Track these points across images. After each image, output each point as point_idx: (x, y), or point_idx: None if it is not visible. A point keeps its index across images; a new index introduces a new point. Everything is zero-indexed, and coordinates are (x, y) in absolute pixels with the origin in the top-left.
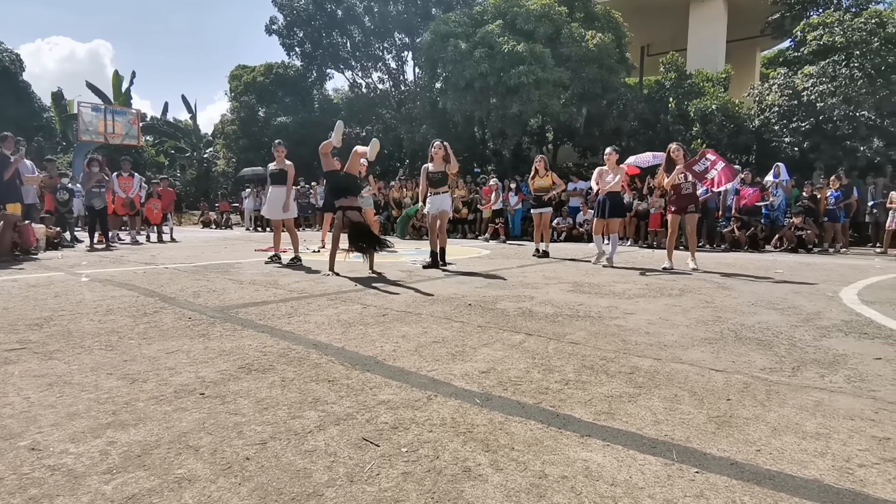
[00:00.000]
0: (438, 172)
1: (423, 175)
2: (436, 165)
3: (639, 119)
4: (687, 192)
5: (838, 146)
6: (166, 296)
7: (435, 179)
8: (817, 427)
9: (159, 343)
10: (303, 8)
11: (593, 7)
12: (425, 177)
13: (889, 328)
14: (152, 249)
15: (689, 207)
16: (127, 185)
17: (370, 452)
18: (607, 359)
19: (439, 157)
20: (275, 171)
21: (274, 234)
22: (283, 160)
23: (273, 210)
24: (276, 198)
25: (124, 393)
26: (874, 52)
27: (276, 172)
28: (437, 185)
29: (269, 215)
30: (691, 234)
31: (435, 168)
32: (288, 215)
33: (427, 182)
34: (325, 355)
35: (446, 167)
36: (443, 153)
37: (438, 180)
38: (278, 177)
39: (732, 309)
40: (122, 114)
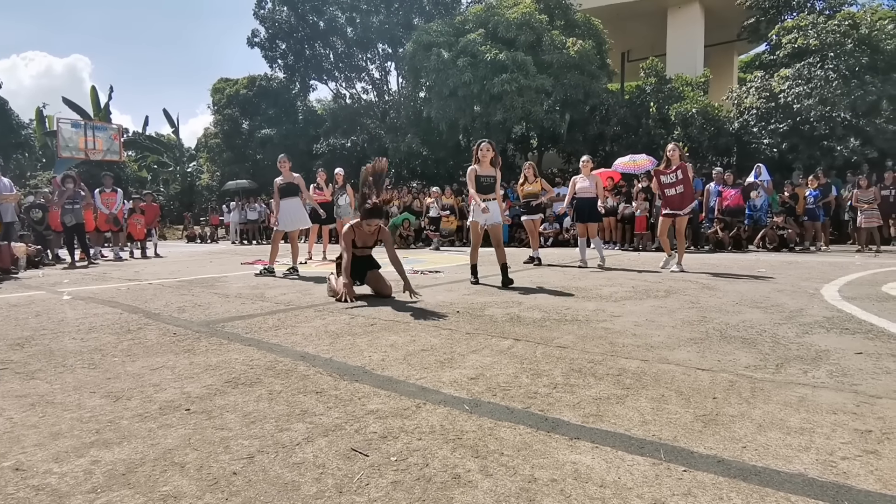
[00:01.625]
0: (489, 176)
1: (470, 179)
2: (484, 168)
3: (621, 124)
4: (676, 194)
5: (816, 146)
6: (150, 312)
7: (485, 184)
8: (801, 422)
9: (143, 360)
10: (284, 20)
11: (573, 15)
12: (473, 181)
13: (869, 323)
14: (136, 265)
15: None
16: (110, 200)
17: (359, 463)
18: (595, 361)
19: (488, 159)
20: (283, 185)
21: (291, 245)
22: (289, 173)
23: (288, 222)
24: (289, 210)
25: (108, 411)
26: (848, 54)
27: (285, 186)
28: (487, 192)
29: (290, 227)
30: (679, 235)
31: (483, 171)
32: (301, 225)
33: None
34: (312, 367)
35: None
36: (492, 154)
37: (489, 185)
38: (287, 190)
39: (717, 309)
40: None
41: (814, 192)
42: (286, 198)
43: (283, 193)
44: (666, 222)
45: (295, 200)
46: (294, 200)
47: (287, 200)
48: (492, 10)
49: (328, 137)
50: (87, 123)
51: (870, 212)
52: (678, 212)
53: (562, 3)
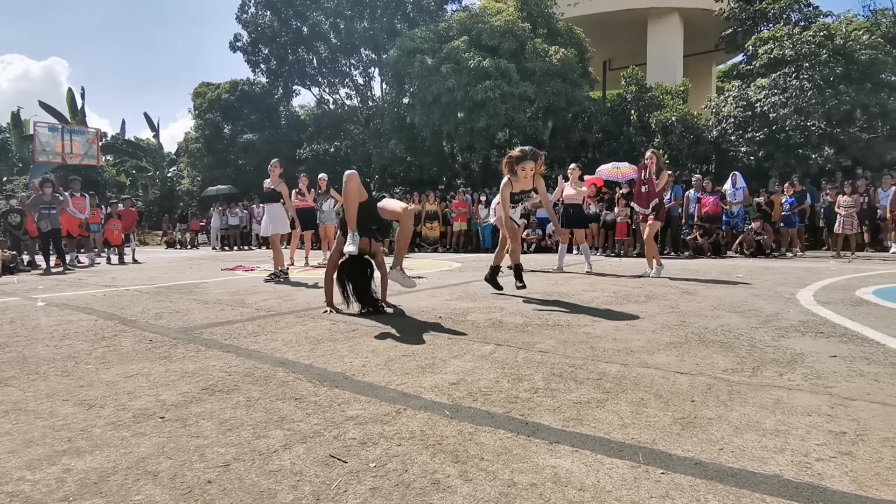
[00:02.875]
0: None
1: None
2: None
3: (603, 131)
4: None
5: (791, 154)
6: (126, 318)
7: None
8: (777, 424)
9: (118, 367)
10: (267, 25)
11: (556, 23)
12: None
13: (843, 327)
14: (113, 271)
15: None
16: (80, 205)
17: (337, 469)
18: (576, 366)
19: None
20: (268, 191)
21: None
22: (276, 179)
23: (273, 226)
24: (272, 215)
25: (80, 419)
26: (822, 64)
27: (269, 192)
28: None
29: (271, 232)
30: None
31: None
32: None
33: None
34: (292, 373)
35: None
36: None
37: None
38: (270, 195)
39: (696, 313)
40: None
41: (789, 199)
42: (268, 203)
43: (265, 199)
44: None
45: (276, 205)
46: (276, 205)
47: (269, 206)
48: (475, 18)
49: (311, 143)
50: (65, 127)
51: (848, 218)
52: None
53: (544, 11)
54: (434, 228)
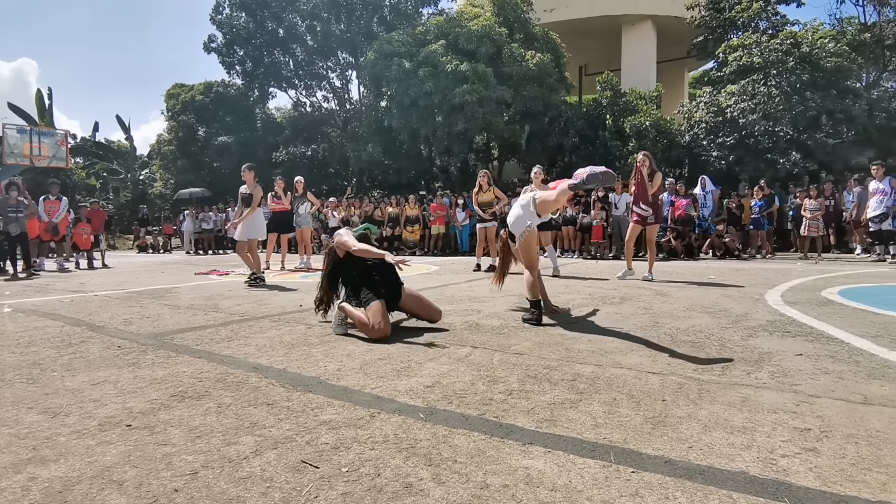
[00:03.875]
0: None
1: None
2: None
3: (579, 135)
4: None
5: (760, 159)
6: (94, 324)
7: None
8: (744, 421)
9: (84, 374)
10: (242, 26)
11: (532, 28)
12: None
13: (810, 326)
14: (81, 276)
15: (650, 218)
16: (52, 208)
17: (309, 475)
18: (551, 367)
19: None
20: (244, 195)
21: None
22: (252, 183)
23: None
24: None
25: (45, 427)
26: (789, 71)
27: (246, 196)
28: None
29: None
30: (650, 243)
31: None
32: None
33: None
34: (265, 378)
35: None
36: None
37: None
38: (247, 200)
39: (669, 314)
40: (49, 135)
41: (758, 202)
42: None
43: (244, 203)
44: (635, 229)
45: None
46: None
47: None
48: (453, 22)
49: (288, 146)
50: (33, 129)
51: (813, 221)
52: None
53: (521, 17)
54: (415, 231)
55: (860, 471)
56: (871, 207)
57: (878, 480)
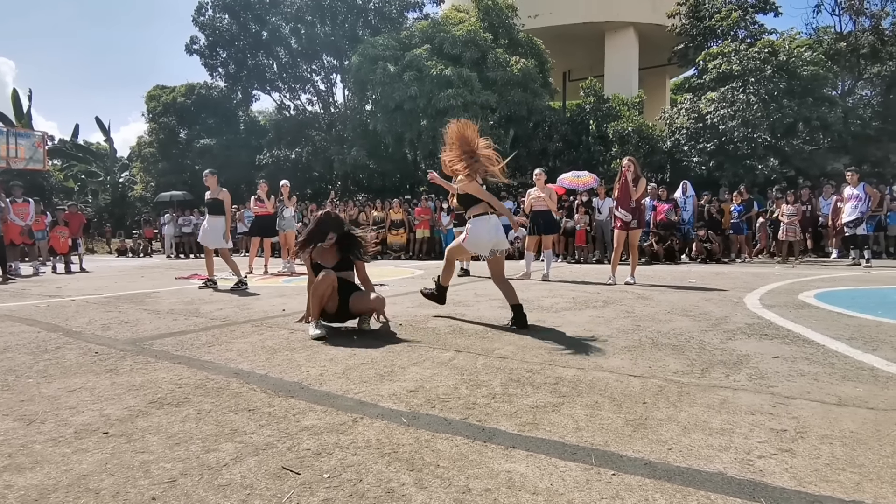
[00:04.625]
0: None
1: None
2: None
3: (563, 140)
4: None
5: (739, 164)
6: (71, 330)
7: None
8: (722, 423)
9: (60, 381)
10: (225, 28)
11: (517, 34)
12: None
13: (786, 329)
14: (58, 281)
15: (633, 223)
16: (23, 211)
17: (290, 482)
18: (533, 371)
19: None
20: (209, 201)
21: (206, 259)
22: (216, 188)
23: (209, 238)
24: (211, 226)
25: (20, 435)
26: (767, 79)
27: (211, 202)
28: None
29: (206, 243)
30: (632, 248)
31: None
32: (224, 245)
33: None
34: (246, 384)
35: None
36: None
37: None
38: (213, 206)
39: (650, 318)
40: (25, 136)
41: (738, 207)
42: (212, 215)
43: (210, 210)
44: (621, 236)
45: (217, 219)
46: (216, 219)
47: (211, 217)
48: (437, 27)
49: (272, 149)
50: (10, 130)
51: (791, 226)
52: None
53: (506, 22)
54: (400, 235)
55: (834, 471)
56: (846, 213)
57: (852, 480)
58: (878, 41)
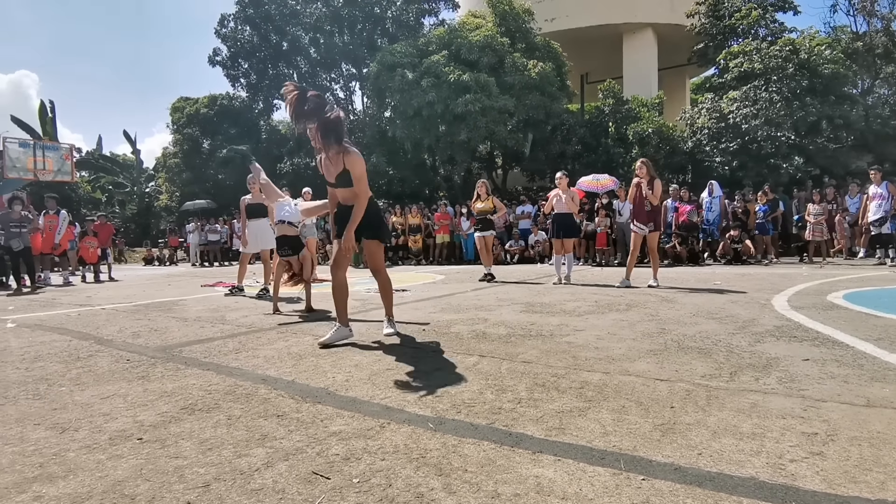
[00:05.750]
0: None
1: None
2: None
3: (581, 143)
4: (647, 210)
5: (763, 164)
6: (102, 338)
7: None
8: (753, 427)
9: (94, 388)
10: (247, 40)
11: (534, 38)
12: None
13: (816, 331)
14: (88, 290)
15: (649, 225)
16: (52, 223)
17: (320, 486)
18: (558, 375)
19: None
20: (252, 205)
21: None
22: (259, 193)
23: (259, 241)
24: (257, 230)
25: (53, 443)
26: (789, 77)
27: (254, 206)
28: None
29: (259, 247)
30: (651, 251)
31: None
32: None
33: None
34: (274, 390)
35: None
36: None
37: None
38: (255, 210)
39: (675, 321)
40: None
41: (763, 207)
42: (254, 218)
43: (251, 214)
44: (638, 239)
45: (263, 221)
46: (262, 221)
47: (255, 221)
48: (455, 33)
49: (292, 157)
50: (37, 143)
51: (817, 225)
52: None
53: (522, 27)
54: (418, 241)
55: (862, 471)
56: (871, 212)
57: (878, 479)
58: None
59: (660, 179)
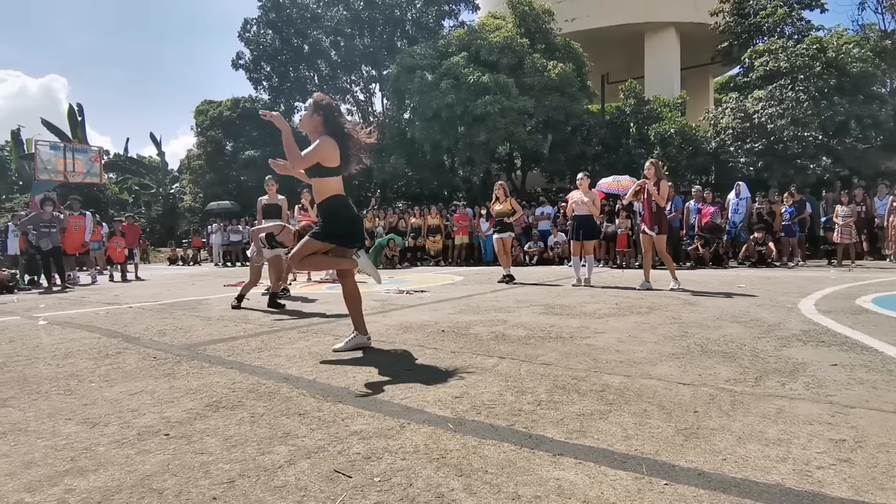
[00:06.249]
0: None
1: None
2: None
3: (602, 144)
4: (653, 212)
5: (789, 165)
6: (130, 336)
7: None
8: (779, 433)
9: (122, 385)
10: (269, 43)
11: (553, 38)
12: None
13: (844, 335)
14: (115, 289)
15: (654, 228)
16: (78, 223)
17: (342, 484)
18: (579, 378)
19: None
20: (268, 205)
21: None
22: (275, 195)
23: None
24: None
25: (84, 438)
26: (817, 76)
27: (269, 206)
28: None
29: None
30: (660, 254)
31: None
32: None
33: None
34: (296, 388)
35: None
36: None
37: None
38: (272, 210)
39: (698, 324)
40: (82, 151)
41: (789, 208)
42: (268, 219)
43: (266, 214)
44: (647, 241)
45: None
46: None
47: (268, 222)
48: (474, 34)
49: None
50: (67, 146)
51: (846, 228)
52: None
53: (542, 27)
54: (437, 242)
55: (890, 478)
56: None
57: None
58: None
59: (667, 181)
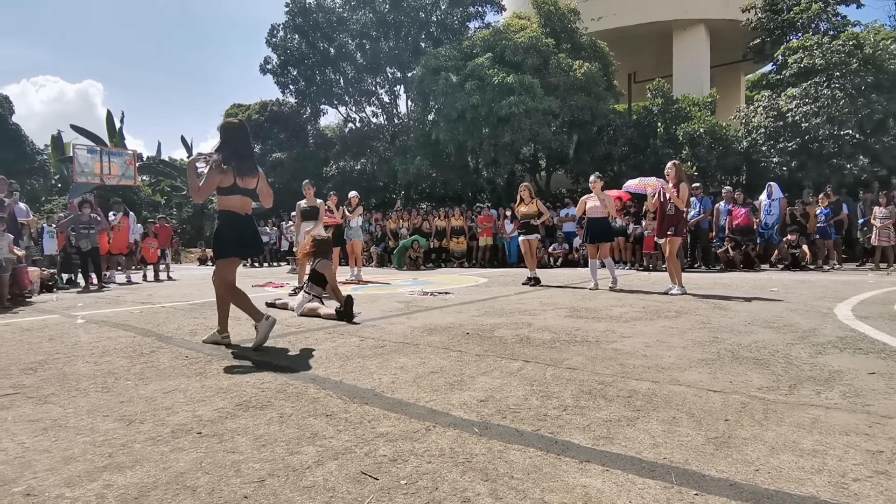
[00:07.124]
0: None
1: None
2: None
3: (629, 144)
4: (669, 214)
5: (825, 164)
6: (163, 335)
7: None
8: (814, 444)
9: (156, 383)
10: (296, 48)
11: (579, 38)
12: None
13: (882, 342)
14: (149, 289)
15: (669, 230)
16: (123, 224)
17: (369, 486)
18: (605, 383)
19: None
20: (307, 209)
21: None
22: (313, 198)
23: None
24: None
25: (121, 435)
26: (853, 73)
27: (308, 209)
28: None
29: None
30: (670, 256)
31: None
32: None
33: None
34: (323, 389)
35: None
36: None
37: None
38: (310, 213)
39: (729, 329)
40: (118, 155)
41: (824, 210)
42: (307, 221)
43: (305, 216)
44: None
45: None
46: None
47: (307, 224)
48: (499, 35)
49: (338, 160)
50: (103, 149)
51: (884, 230)
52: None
53: (568, 27)
54: (461, 243)
55: None
56: None
57: None
58: None
59: (687, 183)
